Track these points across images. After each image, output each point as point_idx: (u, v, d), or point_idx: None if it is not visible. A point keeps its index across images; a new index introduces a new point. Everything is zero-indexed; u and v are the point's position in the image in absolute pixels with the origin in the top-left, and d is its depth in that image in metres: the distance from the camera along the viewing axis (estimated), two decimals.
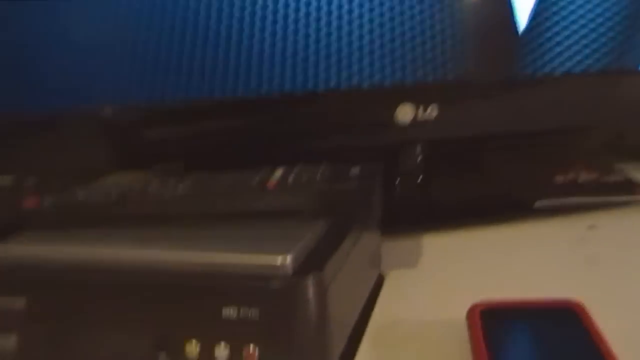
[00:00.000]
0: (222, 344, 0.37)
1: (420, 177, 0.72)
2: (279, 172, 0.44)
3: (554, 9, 0.66)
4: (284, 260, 0.37)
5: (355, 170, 0.43)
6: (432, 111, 0.64)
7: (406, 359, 0.42)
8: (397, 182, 0.72)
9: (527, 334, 0.41)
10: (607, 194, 0.65)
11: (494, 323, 0.42)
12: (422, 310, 0.48)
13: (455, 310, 0.44)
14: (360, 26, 0.63)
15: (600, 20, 0.66)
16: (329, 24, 0.62)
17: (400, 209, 0.69)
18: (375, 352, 0.43)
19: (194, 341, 0.38)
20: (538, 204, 0.63)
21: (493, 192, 0.71)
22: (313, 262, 0.38)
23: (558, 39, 0.65)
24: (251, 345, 0.37)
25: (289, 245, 0.38)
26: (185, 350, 0.38)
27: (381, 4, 0.63)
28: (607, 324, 0.40)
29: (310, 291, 0.37)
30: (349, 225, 0.43)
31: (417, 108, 0.64)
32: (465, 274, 0.53)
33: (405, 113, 0.64)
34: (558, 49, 0.66)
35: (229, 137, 0.65)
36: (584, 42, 0.66)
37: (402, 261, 0.57)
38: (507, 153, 0.80)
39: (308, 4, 0.62)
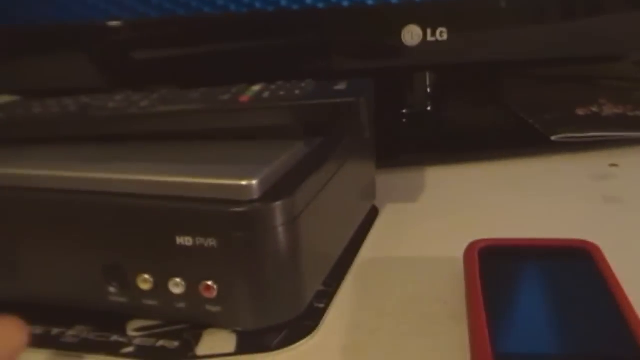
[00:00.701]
0: (177, 278, 0.33)
1: (430, 105, 0.66)
2: (256, 87, 0.39)
3: None
4: (249, 183, 0.32)
5: (341, 86, 0.38)
6: (443, 33, 0.58)
7: (392, 297, 0.37)
8: (405, 110, 0.67)
9: (531, 276, 0.36)
10: (633, 129, 0.59)
11: (494, 262, 0.37)
12: (416, 247, 0.43)
13: (454, 249, 0.39)
14: None
15: None
16: None
17: (407, 139, 0.63)
18: (360, 288, 0.38)
19: (146, 274, 0.33)
20: (556, 137, 0.57)
21: (509, 123, 0.65)
22: (284, 186, 0.33)
23: None
24: (209, 280, 0.32)
25: (258, 167, 0.33)
26: (137, 284, 0.33)
27: None
28: (623, 268, 0.35)
29: (278, 218, 0.32)
30: (331, 148, 0.38)
31: (426, 30, 0.58)
32: (471, 210, 0.48)
33: (413, 35, 0.58)
34: None
35: (224, 58, 0.60)
36: None
37: (402, 194, 0.52)
38: (526, 82, 0.74)
39: None
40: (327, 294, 0.37)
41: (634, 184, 0.52)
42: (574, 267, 0.36)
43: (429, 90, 0.66)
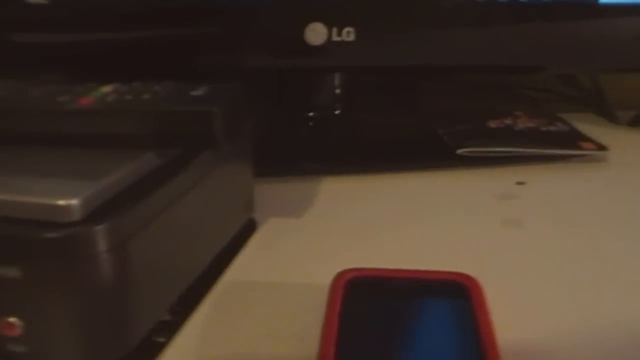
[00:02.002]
0: None
1: (339, 109, 0.62)
2: (106, 88, 0.34)
3: None
4: (68, 203, 0.27)
5: (198, 92, 0.33)
6: (350, 33, 0.54)
7: (246, 331, 0.33)
8: (312, 113, 0.63)
9: (396, 315, 0.32)
10: (543, 146, 0.56)
11: (360, 297, 0.33)
12: (289, 271, 0.39)
13: (329, 275, 0.35)
14: None
15: None
16: None
17: (311, 145, 0.59)
18: (213, 319, 0.34)
19: None
20: (461, 151, 0.53)
21: (419, 133, 0.62)
22: (112, 206, 0.28)
23: None
24: (12, 317, 0.28)
25: (83, 184, 0.28)
26: None
27: None
28: (505, 305, 0.32)
29: (100, 244, 0.27)
30: (185, 161, 0.33)
31: (331, 29, 0.53)
32: (357, 229, 0.44)
33: (316, 33, 0.54)
34: None
35: (118, 50, 0.55)
36: None
37: (290, 208, 0.48)
38: (443, 89, 0.71)
39: None
40: (171, 325, 0.33)
41: (538, 205, 0.49)
42: (446, 306, 0.33)
43: (338, 91, 0.62)
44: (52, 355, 0.28)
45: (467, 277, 0.35)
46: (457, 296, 0.33)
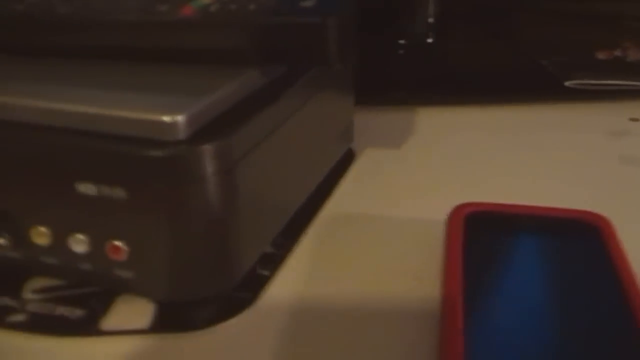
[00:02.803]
0: (79, 234, 0.26)
1: (431, 37, 0.58)
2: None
3: None
4: (174, 119, 0.24)
5: (309, 2, 0.30)
6: None
7: (355, 268, 0.31)
8: (402, 41, 0.59)
9: (524, 253, 0.29)
10: None
11: (482, 233, 0.30)
12: (393, 204, 0.36)
13: (440, 210, 0.32)
14: None
15: None
16: None
17: (402, 74, 0.56)
18: (318, 253, 0.31)
19: (42, 227, 0.26)
20: (571, 82, 0.49)
21: (518, 63, 0.57)
22: (220, 125, 0.26)
23: None
24: (118, 240, 0.25)
25: (189, 100, 0.26)
26: (31, 238, 0.27)
27: None
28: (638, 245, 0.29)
29: (209, 165, 0.25)
30: (292, 80, 0.30)
31: None
32: (464, 163, 0.41)
33: None
34: None
35: None
36: None
37: (387, 138, 0.44)
38: (541, 17, 0.66)
39: None
40: (276, 258, 0.31)
41: None
42: (577, 244, 0.30)
43: (431, 20, 0.58)
44: (156, 283, 0.26)
45: (598, 215, 0.31)
46: (589, 235, 0.30)
